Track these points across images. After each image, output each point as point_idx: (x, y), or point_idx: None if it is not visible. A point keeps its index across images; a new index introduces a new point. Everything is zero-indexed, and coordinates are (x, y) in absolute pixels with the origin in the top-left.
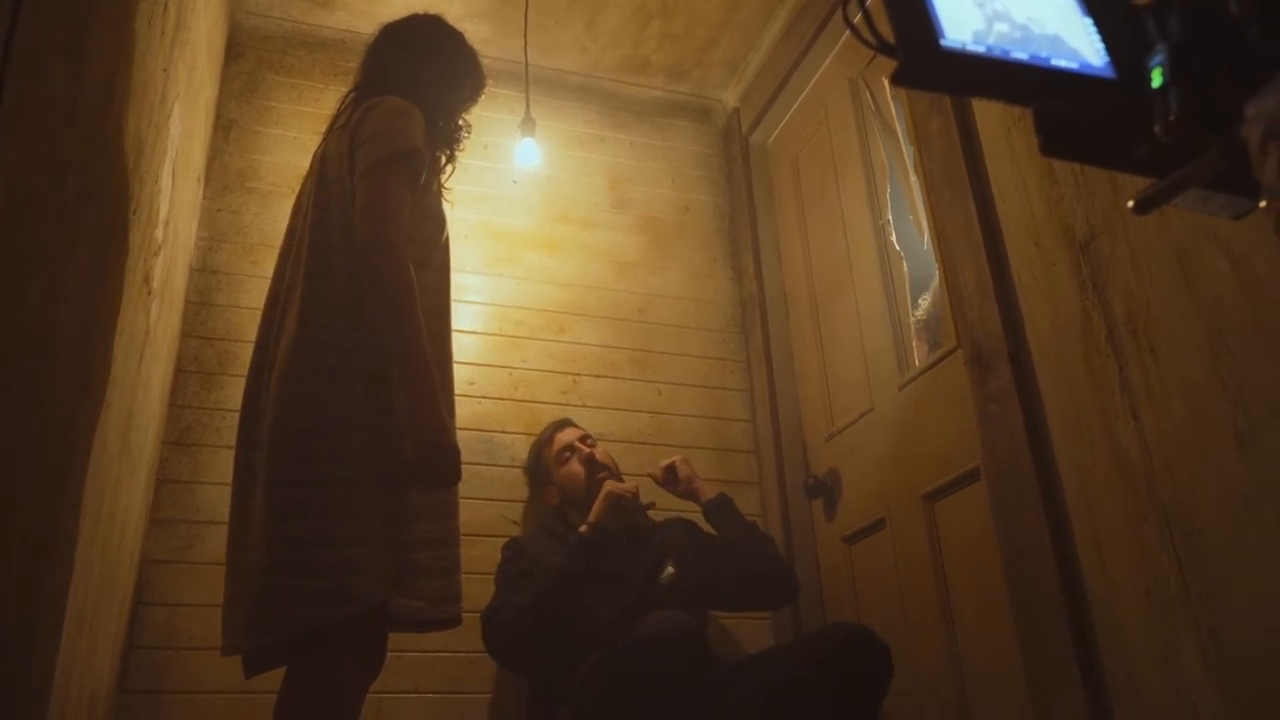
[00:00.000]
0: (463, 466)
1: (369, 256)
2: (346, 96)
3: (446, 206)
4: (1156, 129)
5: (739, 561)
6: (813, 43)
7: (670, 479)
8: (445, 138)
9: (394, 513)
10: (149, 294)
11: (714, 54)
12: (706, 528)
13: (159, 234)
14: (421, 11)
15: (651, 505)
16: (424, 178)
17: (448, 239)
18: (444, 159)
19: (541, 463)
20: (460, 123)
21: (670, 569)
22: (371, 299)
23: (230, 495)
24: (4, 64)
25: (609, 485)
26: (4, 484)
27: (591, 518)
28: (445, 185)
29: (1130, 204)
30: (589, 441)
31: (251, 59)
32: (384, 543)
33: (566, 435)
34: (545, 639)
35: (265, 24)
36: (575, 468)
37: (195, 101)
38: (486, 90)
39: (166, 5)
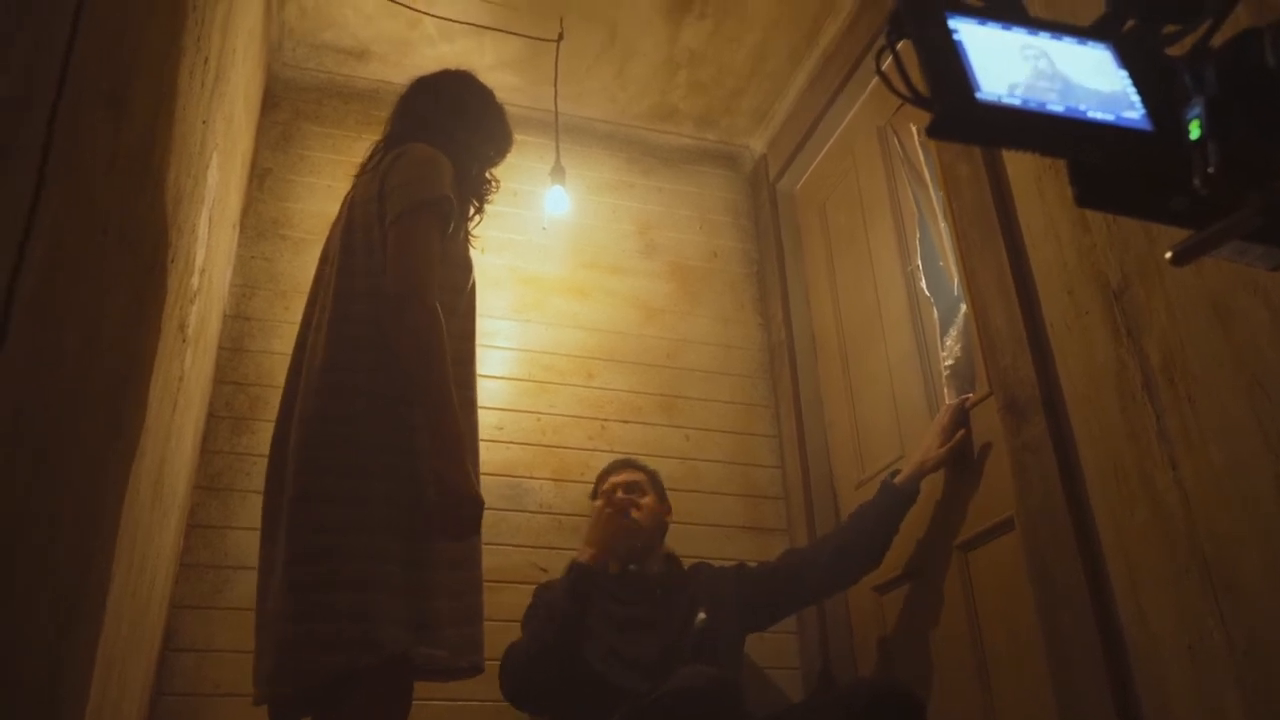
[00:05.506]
0: (491, 512)
1: (399, 303)
2: (377, 145)
3: (476, 253)
4: (1196, 182)
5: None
6: (839, 91)
7: (956, 423)
8: (474, 189)
9: (416, 559)
10: (184, 341)
11: (741, 102)
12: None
13: (195, 282)
14: (454, 67)
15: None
16: (452, 225)
17: (474, 285)
18: (472, 209)
19: (594, 493)
20: (488, 176)
21: (702, 615)
22: (399, 345)
23: (260, 543)
24: (52, 115)
25: (605, 513)
26: (40, 535)
27: (592, 546)
28: (473, 233)
29: (1168, 255)
30: (634, 491)
31: (287, 109)
32: (405, 589)
33: (617, 477)
34: (545, 676)
35: (301, 75)
36: (604, 513)
37: (232, 151)
38: (516, 138)
39: (207, 58)
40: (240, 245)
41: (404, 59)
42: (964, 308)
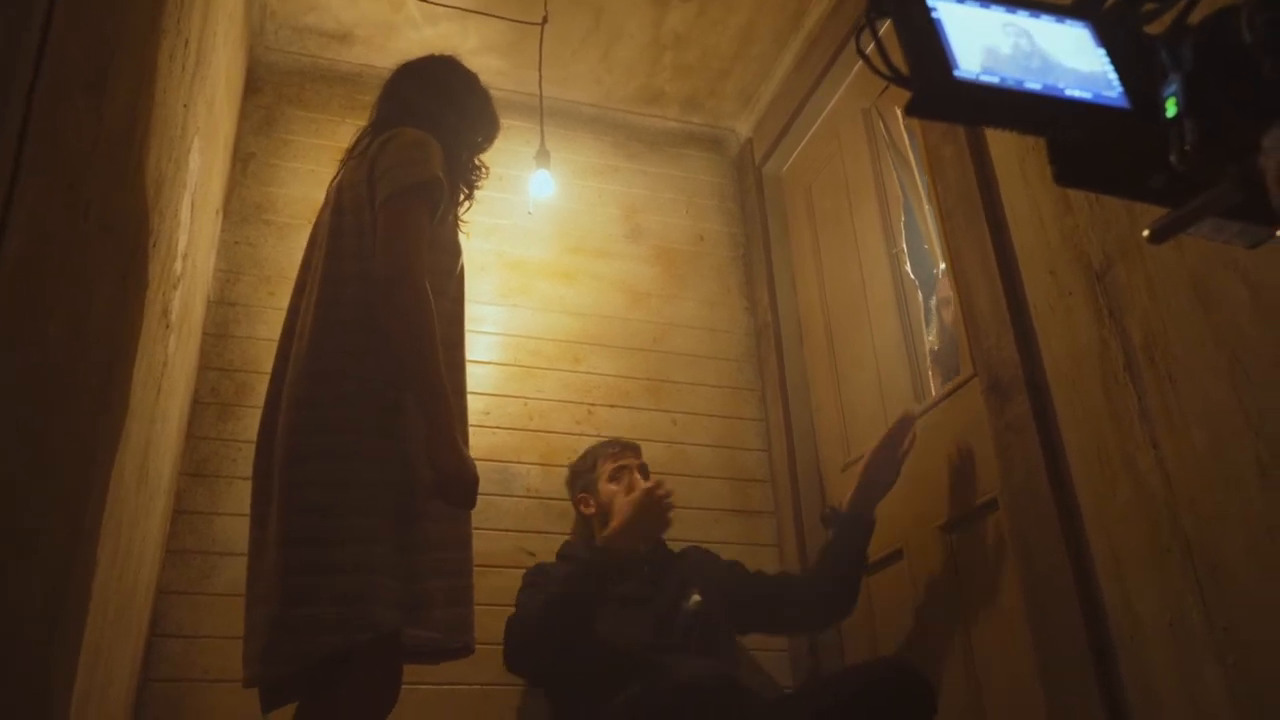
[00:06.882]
0: (478, 497)
1: (389, 286)
2: (364, 130)
3: (462, 237)
4: (1172, 159)
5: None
6: (825, 73)
7: (899, 437)
8: (463, 174)
9: (407, 541)
10: (167, 327)
11: (727, 85)
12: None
13: (178, 267)
14: (439, 53)
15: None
16: (441, 209)
17: (462, 269)
18: (461, 195)
19: (593, 470)
20: (477, 162)
21: (697, 596)
22: (390, 328)
23: (249, 527)
24: (29, 97)
25: (644, 490)
26: (31, 522)
27: (618, 525)
28: (461, 218)
29: (1146, 233)
30: (645, 475)
31: (270, 93)
32: (396, 570)
33: (633, 459)
34: (555, 649)
35: (284, 59)
36: (654, 496)
37: (214, 136)
38: (502, 123)
39: (187, 41)
40: (224, 230)
41: (387, 42)
42: (943, 290)
